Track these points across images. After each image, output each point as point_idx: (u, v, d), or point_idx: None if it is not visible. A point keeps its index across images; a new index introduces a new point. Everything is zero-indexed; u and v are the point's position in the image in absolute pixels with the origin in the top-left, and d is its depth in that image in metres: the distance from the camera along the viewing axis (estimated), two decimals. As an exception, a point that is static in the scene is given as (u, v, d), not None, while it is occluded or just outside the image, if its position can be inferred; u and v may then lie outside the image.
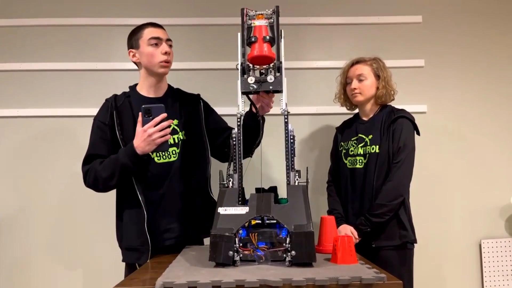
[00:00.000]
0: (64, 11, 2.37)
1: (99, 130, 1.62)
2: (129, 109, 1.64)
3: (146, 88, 1.70)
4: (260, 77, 1.40)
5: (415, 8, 2.43)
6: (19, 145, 2.33)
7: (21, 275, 2.29)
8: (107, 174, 1.54)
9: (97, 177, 1.56)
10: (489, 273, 2.35)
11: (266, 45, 1.38)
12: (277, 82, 1.39)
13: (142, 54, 1.64)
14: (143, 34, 1.64)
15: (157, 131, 1.45)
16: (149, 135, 1.45)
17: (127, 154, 1.50)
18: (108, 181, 1.55)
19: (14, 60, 2.35)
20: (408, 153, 1.80)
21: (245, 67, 1.41)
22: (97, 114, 1.66)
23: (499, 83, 2.43)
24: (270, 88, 1.39)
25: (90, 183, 1.60)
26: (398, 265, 1.77)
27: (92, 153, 1.61)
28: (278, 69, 1.40)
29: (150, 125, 1.45)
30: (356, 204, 1.87)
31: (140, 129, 1.47)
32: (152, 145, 1.47)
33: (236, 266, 1.17)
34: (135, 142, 1.49)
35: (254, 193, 1.35)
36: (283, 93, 1.40)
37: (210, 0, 2.40)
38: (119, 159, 1.52)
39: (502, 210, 2.39)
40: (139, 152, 1.48)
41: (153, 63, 1.63)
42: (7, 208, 2.31)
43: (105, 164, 1.55)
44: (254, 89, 1.40)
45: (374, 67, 1.91)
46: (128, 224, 1.62)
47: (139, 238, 1.57)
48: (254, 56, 1.38)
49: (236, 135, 1.40)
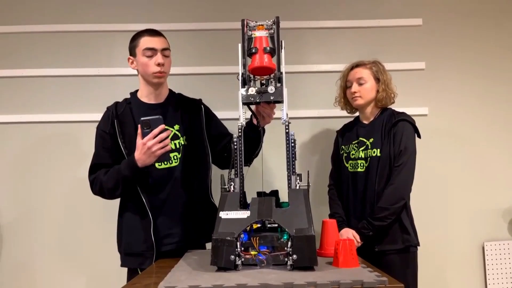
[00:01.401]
0: (65, 17, 2.38)
1: (101, 139, 1.65)
2: (130, 116, 1.66)
3: (146, 95, 1.71)
4: (261, 88, 1.41)
5: (415, 11, 2.43)
6: (21, 151, 2.34)
7: (24, 280, 2.30)
8: (111, 185, 1.58)
9: (102, 187, 1.61)
10: (493, 276, 2.34)
11: (266, 56, 1.39)
12: (278, 93, 1.40)
13: (138, 63, 1.66)
14: (139, 43, 1.65)
15: (156, 143, 1.46)
16: (149, 148, 1.46)
17: (129, 166, 1.53)
18: (113, 191, 1.60)
19: (16, 67, 2.36)
20: (409, 156, 1.80)
21: (246, 78, 1.42)
22: (99, 123, 1.69)
23: (500, 85, 2.43)
24: (271, 98, 1.40)
25: (97, 192, 1.65)
26: (402, 269, 1.77)
27: (97, 163, 1.65)
28: (279, 80, 1.41)
29: (149, 137, 1.46)
30: (357, 208, 1.87)
31: (140, 142, 1.48)
32: (152, 157, 1.49)
33: (238, 270, 1.17)
34: (136, 155, 1.50)
35: (255, 197, 1.36)
36: (284, 103, 1.41)
37: (210, 6, 2.41)
38: (121, 172, 1.55)
39: (505, 212, 2.39)
40: (140, 165, 1.50)
41: (147, 73, 1.65)
42: (9, 213, 2.32)
43: (109, 176, 1.59)
44: (255, 100, 1.41)
45: (374, 70, 1.91)
46: (131, 229, 1.63)
47: (144, 243, 1.58)
48: (254, 67, 1.39)
49: (237, 140, 1.40)
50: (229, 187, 1.38)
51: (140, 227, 1.60)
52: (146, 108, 1.66)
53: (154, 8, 2.41)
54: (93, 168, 1.66)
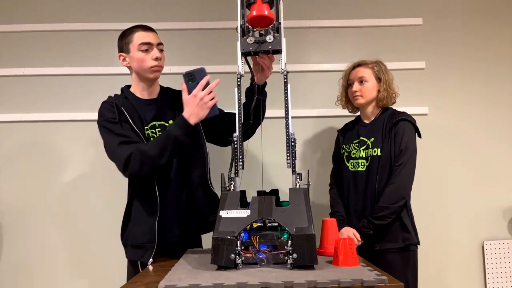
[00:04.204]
0: (66, 17, 2.39)
1: (115, 126, 1.54)
2: (132, 108, 1.61)
3: (139, 91, 1.67)
4: (260, 38, 1.42)
5: (415, 10, 2.43)
6: (21, 150, 2.35)
7: (25, 279, 2.30)
8: (156, 152, 1.45)
9: (143, 158, 1.46)
10: (492, 275, 2.34)
11: (265, 6, 1.40)
12: (277, 42, 1.41)
13: (132, 59, 1.62)
14: (133, 39, 1.60)
15: (207, 94, 1.43)
16: (201, 99, 1.43)
17: (179, 127, 1.45)
18: (158, 159, 1.46)
19: (17, 65, 2.36)
20: (409, 155, 1.80)
21: (244, 29, 1.42)
22: (102, 115, 1.58)
23: (501, 84, 2.43)
24: (269, 47, 1.41)
25: (136, 165, 1.47)
26: (402, 268, 1.77)
27: (127, 140, 1.51)
28: (277, 30, 1.42)
29: (198, 88, 1.43)
30: (358, 207, 1.87)
31: (188, 96, 1.44)
32: (205, 109, 1.44)
33: (238, 269, 1.17)
34: (187, 112, 1.45)
35: (255, 196, 1.36)
36: (283, 53, 1.42)
37: (205, 5, 2.41)
38: (170, 133, 1.45)
39: (504, 212, 2.39)
40: (193, 121, 1.44)
41: (143, 68, 1.61)
42: (9, 212, 2.32)
43: (152, 143, 1.48)
44: (254, 49, 1.41)
45: (376, 70, 1.91)
46: (138, 221, 1.60)
47: (145, 235, 1.56)
48: (253, 16, 1.39)
49: (237, 138, 1.41)
50: (229, 186, 1.38)
51: (147, 219, 1.57)
52: (143, 104, 1.64)
53: (152, 7, 2.41)
54: (123, 144, 1.50)
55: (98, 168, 2.30)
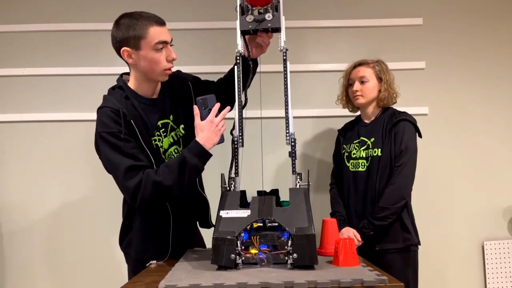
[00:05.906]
0: (66, 17, 2.39)
1: (121, 142, 1.37)
2: (137, 115, 1.44)
3: (143, 91, 1.50)
4: (259, 16, 1.43)
5: (415, 10, 2.44)
6: (22, 150, 2.35)
7: (25, 280, 2.31)
8: (172, 182, 1.35)
9: (158, 188, 1.35)
10: (492, 275, 2.34)
11: None
12: (276, 20, 1.42)
13: (142, 58, 1.40)
14: (147, 34, 1.38)
15: (220, 120, 1.42)
16: (216, 125, 1.41)
17: (196, 154, 1.37)
18: (175, 189, 1.37)
19: (18, 66, 2.36)
20: (410, 156, 1.80)
21: (244, 8, 1.43)
22: (104, 125, 1.39)
23: (500, 84, 2.43)
24: (268, 25, 1.42)
25: (148, 195, 1.35)
26: (402, 268, 1.78)
27: (135, 165, 1.36)
28: (276, 9, 1.42)
29: (213, 115, 1.41)
30: (358, 207, 1.87)
31: (203, 121, 1.39)
32: (219, 135, 1.42)
33: (238, 269, 1.17)
34: (202, 137, 1.38)
35: (256, 196, 1.36)
36: (282, 31, 1.43)
37: (205, 5, 2.42)
38: (187, 162, 1.35)
39: (504, 212, 2.39)
40: (209, 147, 1.38)
41: (156, 70, 1.42)
42: (9, 212, 2.32)
43: (165, 172, 1.36)
44: (253, 27, 1.42)
45: (377, 70, 1.91)
46: (142, 233, 1.49)
47: (157, 249, 1.47)
48: None
49: (237, 138, 1.40)
50: (230, 186, 1.38)
51: (156, 233, 1.48)
52: (146, 105, 1.49)
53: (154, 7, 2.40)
54: (129, 171, 1.35)
55: (98, 168, 2.29)
